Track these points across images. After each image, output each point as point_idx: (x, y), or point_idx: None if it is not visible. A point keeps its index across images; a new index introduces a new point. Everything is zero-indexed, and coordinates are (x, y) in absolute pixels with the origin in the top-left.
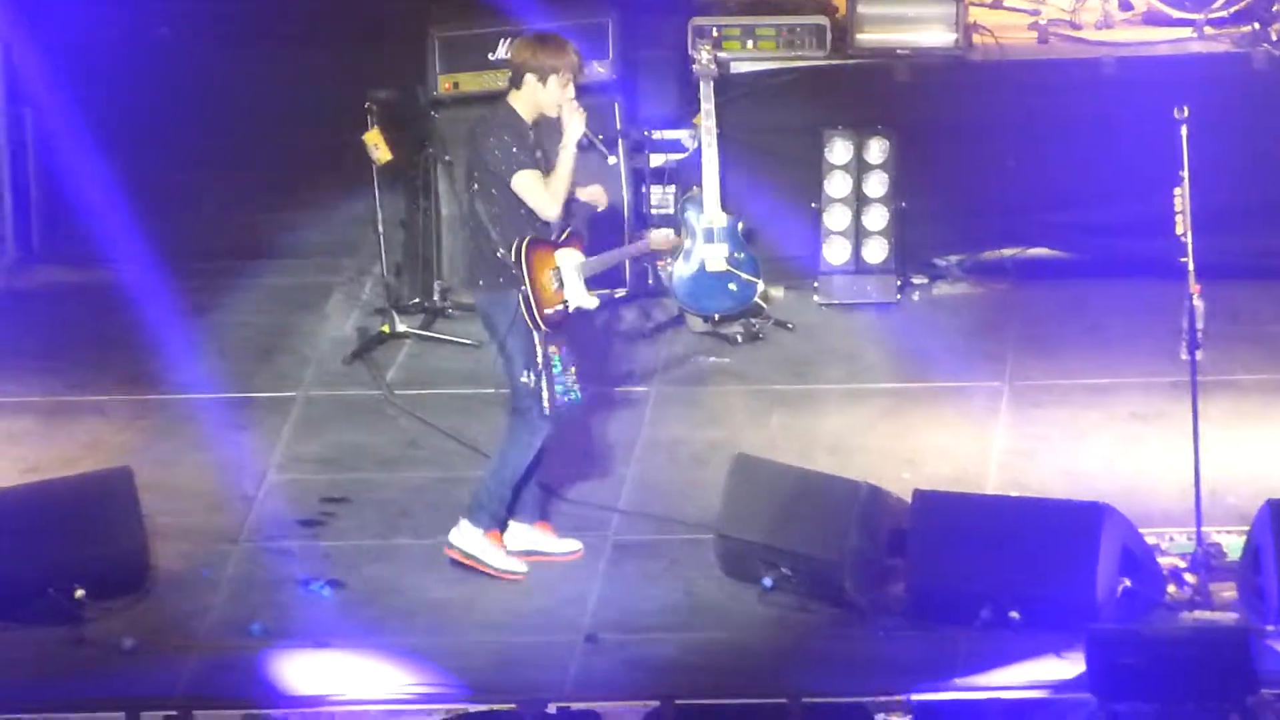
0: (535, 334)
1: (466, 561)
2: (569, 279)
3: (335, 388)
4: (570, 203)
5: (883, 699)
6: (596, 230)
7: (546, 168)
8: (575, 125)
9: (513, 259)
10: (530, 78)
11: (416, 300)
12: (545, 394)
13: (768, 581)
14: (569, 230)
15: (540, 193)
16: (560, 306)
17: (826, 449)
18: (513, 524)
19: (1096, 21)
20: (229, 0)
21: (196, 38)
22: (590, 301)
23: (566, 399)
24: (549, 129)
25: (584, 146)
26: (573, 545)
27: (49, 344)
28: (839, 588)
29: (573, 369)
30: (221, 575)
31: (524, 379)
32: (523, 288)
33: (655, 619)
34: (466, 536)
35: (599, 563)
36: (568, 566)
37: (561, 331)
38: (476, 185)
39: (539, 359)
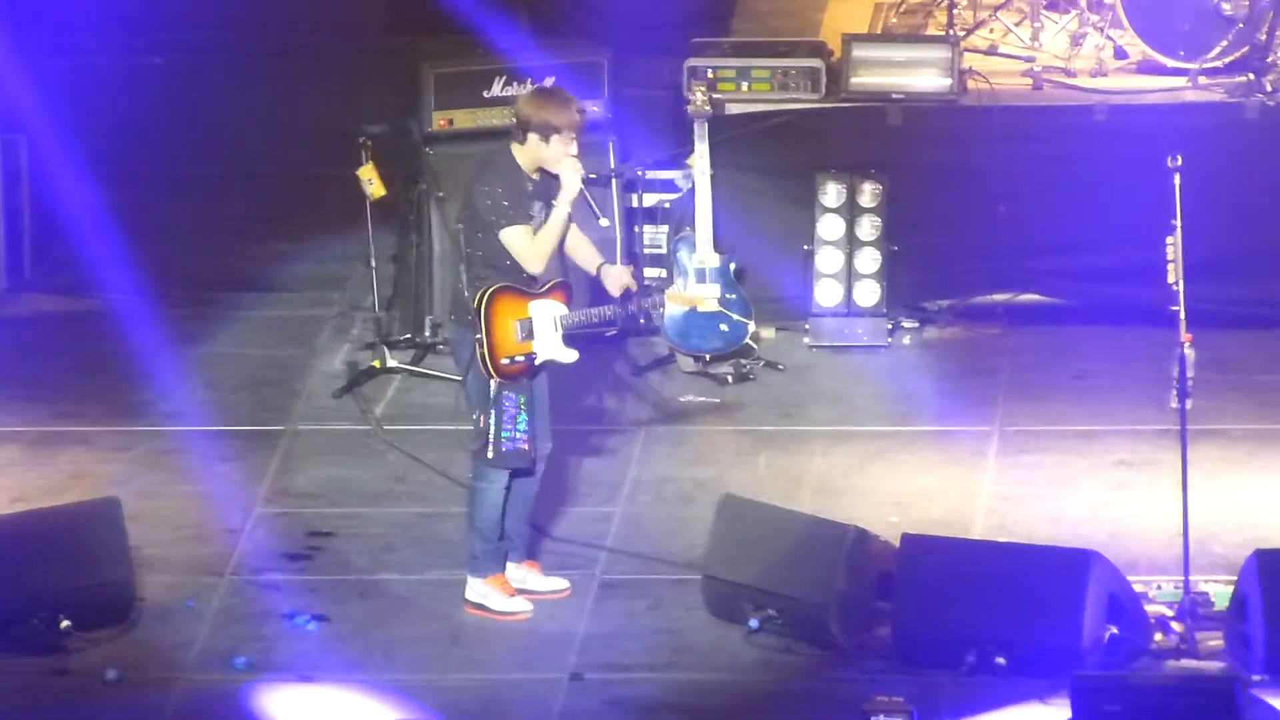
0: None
1: (476, 611)
2: (541, 330)
3: (324, 422)
4: (562, 256)
5: None
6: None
7: (547, 218)
8: (571, 184)
9: (473, 305)
10: (533, 136)
11: (407, 336)
12: (491, 437)
13: (754, 623)
14: (555, 282)
15: (526, 247)
16: (521, 357)
17: (814, 490)
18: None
19: (1091, 69)
20: (222, 31)
21: (189, 69)
22: (565, 355)
23: (513, 446)
24: (552, 180)
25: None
26: (559, 584)
27: (37, 373)
28: (825, 630)
29: (526, 418)
30: (207, 608)
31: (476, 419)
32: (478, 335)
33: (640, 658)
34: (472, 587)
35: (585, 601)
36: (554, 604)
37: (524, 381)
38: (462, 225)
39: (491, 402)
